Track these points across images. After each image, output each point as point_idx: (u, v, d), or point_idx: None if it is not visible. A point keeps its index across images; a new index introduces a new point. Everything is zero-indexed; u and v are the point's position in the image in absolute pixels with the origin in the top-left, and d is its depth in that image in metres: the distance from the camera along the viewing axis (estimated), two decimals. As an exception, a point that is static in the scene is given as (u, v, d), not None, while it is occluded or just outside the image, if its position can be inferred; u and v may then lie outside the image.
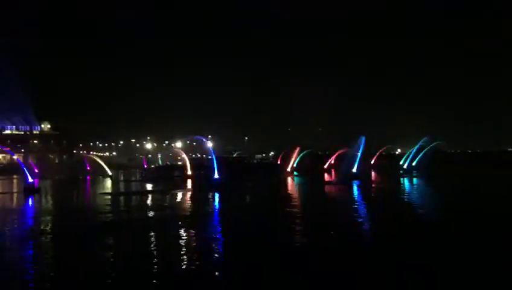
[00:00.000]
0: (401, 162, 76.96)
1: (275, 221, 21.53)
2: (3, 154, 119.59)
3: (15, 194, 40.07)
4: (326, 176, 64.40)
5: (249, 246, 15.65)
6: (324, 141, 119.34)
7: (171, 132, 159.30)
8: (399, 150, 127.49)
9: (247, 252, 14.63)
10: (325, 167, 78.69)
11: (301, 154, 75.07)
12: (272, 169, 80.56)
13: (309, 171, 67.34)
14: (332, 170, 75.51)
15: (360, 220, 21.59)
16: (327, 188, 44.91)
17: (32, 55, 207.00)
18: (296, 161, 71.62)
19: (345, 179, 50.15)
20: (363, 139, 55.39)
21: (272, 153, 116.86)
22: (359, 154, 53.89)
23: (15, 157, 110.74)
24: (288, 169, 68.56)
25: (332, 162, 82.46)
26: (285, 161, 74.94)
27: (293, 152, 72.52)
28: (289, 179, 55.94)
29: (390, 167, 72.87)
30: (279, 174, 64.60)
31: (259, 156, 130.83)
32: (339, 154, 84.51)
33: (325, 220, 21.28)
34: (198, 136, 43.03)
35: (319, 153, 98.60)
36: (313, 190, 42.54)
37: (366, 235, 17.91)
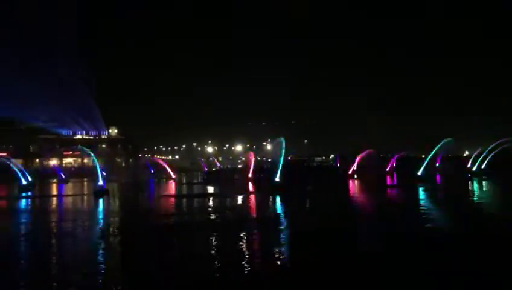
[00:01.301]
0: (468, 165, 73.16)
1: (338, 225, 20.98)
2: (75, 158, 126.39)
3: (85, 196, 42.14)
4: (388, 179, 62.49)
5: (312, 249, 15.32)
6: (386, 143, 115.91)
7: (231, 136, 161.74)
8: (466, 152, 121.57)
9: (311, 256, 14.30)
10: (387, 169, 76.42)
11: (362, 157, 73.19)
12: (332, 172, 79.33)
13: (370, 174, 65.47)
14: (394, 172, 73.18)
15: (428, 225, 20.57)
16: (390, 191, 43.54)
17: (100, 64, 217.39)
18: (357, 164, 69.95)
19: (409, 182, 48.33)
20: (445, 141, 54.22)
21: (332, 155, 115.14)
22: (431, 156, 52.04)
23: (85, 161, 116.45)
24: (350, 172, 67.18)
25: (394, 164, 79.93)
26: (346, 164, 73.48)
27: (353, 155, 70.96)
28: (350, 182, 54.79)
29: (457, 170, 69.43)
30: (340, 177, 63.33)
31: (318, 158, 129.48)
32: (400, 157, 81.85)
33: (390, 226, 20.47)
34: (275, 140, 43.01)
35: (381, 155, 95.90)
36: (375, 193, 41.29)
37: (437, 242, 16.89)
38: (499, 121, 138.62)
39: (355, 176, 65.12)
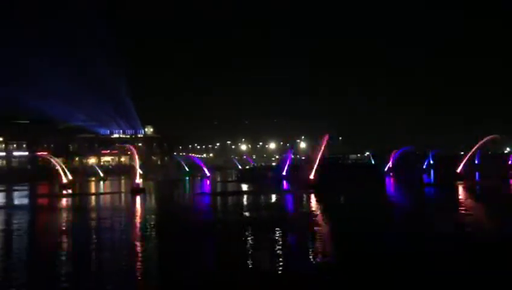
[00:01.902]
0: (510, 162, 70.71)
1: (376, 223, 20.60)
2: (112, 157, 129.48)
3: (123, 194, 43.07)
4: (425, 176, 61.08)
5: (353, 248, 15.08)
6: (422, 141, 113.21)
7: (265, 133, 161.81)
8: (508, 149, 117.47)
9: (352, 255, 14.06)
10: (424, 167, 74.84)
11: (398, 154, 71.70)
12: (368, 169, 78.16)
13: (406, 171, 64.11)
14: (432, 170, 71.51)
15: (468, 228, 19.89)
16: (427, 189, 42.53)
17: (137, 63, 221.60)
18: (393, 161, 68.61)
19: (447, 180, 47.07)
20: (490, 137, 52.75)
21: (367, 153, 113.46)
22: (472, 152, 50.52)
23: (122, 159, 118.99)
24: (385, 169, 66.04)
25: (432, 162, 78.16)
26: (381, 161, 72.23)
27: (389, 152, 69.67)
28: (386, 179, 53.90)
29: (498, 168, 67.02)
30: (375, 175, 62.37)
31: (354, 156, 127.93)
32: (437, 154, 79.93)
33: (431, 227, 19.93)
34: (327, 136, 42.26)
35: (417, 152, 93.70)
36: (412, 191, 40.36)
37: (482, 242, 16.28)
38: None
39: (391, 174, 63.97)
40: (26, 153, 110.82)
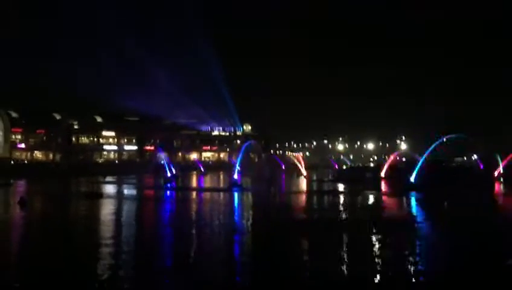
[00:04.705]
0: None
1: (484, 234, 19.00)
2: (212, 153, 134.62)
3: (221, 190, 44.53)
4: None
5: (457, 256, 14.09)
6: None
7: (364, 133, 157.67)
8: None
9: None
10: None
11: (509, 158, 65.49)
12: (474, 174, 72.62)
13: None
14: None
15: None
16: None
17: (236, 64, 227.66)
18: (504, 166, 62.86)
19: None
20: None
21: (475, 156, 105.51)
22: None
23: (221, 155, 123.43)
24: (495, 174, 60.85)
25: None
26: (490, 166, 66.56)
27: (500, 156, 63.94)
28: (496, 186, 49.65)
29: None
30: (483, 180, 57.74)
31: (459, 159, 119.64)
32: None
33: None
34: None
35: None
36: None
37: None
38: None
39: (502, 179, 58.76)
40: (135, 148, 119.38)
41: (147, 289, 11.05)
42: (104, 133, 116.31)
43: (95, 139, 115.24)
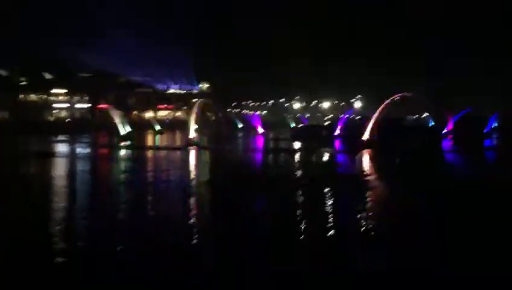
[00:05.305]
0: None
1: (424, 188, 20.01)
2: (169, 111, 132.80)
3: (177, 148, 44.30)
4: (488, 141, 58.09)
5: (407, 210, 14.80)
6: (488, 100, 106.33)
7: (320, 92, 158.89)
8: None
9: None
10: (485, 132, 70.75)
11: (458, 117, 68.17)
12: (427, 132, 75.39)
13: (467, 135, 60.87)
14: (494, 134, 67.77)
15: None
16: (487, 153, 40.48)
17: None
18: (453, 124, 65.38)
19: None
20: None
21: (426, 114, 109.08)
22: None
23: (178, 114, 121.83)
24: (444, 132, 63.31)
25: (495, 124, 73.90)
26: (441, 124, 69.13)
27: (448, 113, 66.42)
28: (444, 143, 51.92)
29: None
30: (432, 137, 60.07)
31: (410, 117, 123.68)
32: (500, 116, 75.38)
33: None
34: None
35: (478, 115, 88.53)
36: (470, 155, 38.45)
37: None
38: None
39: (449, 137, 61.37)
40: (88, 105, 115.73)
41: (101, 248, 11.02)
42: (55, 90, 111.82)
43: (44, 96, 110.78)
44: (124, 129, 54.01)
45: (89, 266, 9.43)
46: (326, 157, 35.13)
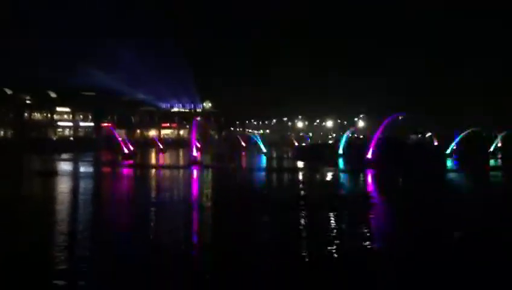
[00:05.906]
0: None
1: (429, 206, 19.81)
2: (172, 130, 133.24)
3: (180, 166, 44.25)
4: (492, 161, 57.77)
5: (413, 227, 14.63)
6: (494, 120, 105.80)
7: (323, 111, 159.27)
8: None
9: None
10: (491, 150, 70.43)
11: (461, 135, 67.98)
12: (428, 151, 75.22)
13: (471, 155, 60.60)
14: (499, 154, 67.34)
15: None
16: (491, 173, 40.18)
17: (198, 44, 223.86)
18: (457, 143, 65.21)
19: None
20: None
21: (430, 133, 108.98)
22: None
23: (181, 132, 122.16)
24: (447, 151, 63.06)
25: (499, 144, 73.53)
26: (445, 143, 68.94)
27: (453, 133, 66.39)
28: (448, 162, 51.65)
29: None
30: (436, 156, 59.85)
31: (414, 136, 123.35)
32: (506, 137, 75.13)
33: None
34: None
35: (484, 134, 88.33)
36: (473, 174, 38.16)
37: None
38: None
39: (454, 156, 61.09)
40: (92, 124, 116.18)
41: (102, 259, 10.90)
42: (59, 108, 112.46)
43: (49, 115, 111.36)
44: (127, 148, 54.07)
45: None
46: (329, 177, 34.94)
